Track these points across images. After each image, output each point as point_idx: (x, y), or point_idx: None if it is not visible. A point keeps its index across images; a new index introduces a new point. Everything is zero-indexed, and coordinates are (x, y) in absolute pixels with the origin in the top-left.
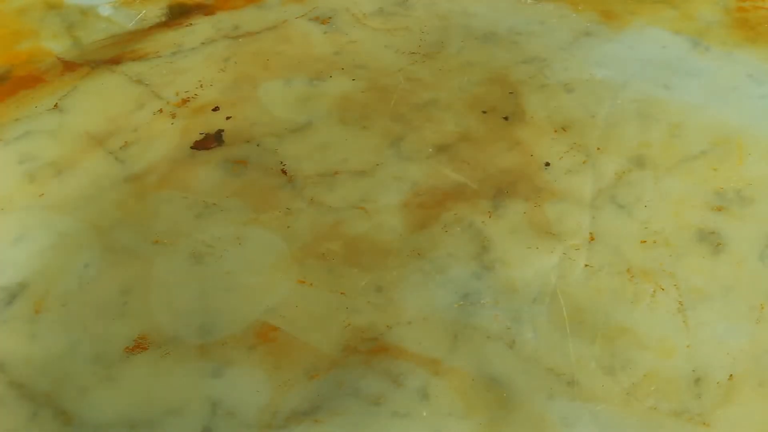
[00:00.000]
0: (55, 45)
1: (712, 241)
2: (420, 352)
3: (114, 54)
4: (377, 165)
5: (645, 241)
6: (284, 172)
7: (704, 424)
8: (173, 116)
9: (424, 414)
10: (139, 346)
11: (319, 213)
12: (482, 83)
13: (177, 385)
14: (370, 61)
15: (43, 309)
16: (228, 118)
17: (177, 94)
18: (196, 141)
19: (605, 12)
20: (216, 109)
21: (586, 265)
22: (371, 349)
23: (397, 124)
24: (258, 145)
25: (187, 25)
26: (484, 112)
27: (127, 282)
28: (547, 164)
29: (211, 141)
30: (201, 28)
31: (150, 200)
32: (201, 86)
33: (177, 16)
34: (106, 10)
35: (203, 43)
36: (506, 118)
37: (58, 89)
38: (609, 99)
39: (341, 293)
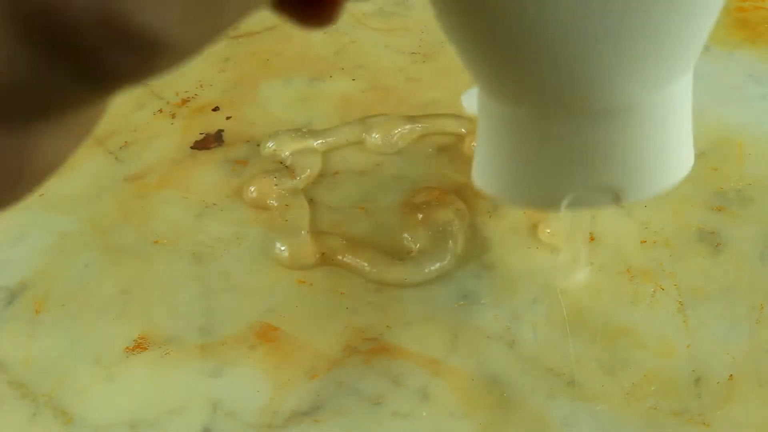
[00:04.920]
0: None
1: (712, 241)
2: (420, 352)
3: None
4: (377, 165)
5: (645, 241)
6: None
7: (704, 424)
8: (173, 116)
9: (424, 414)
10: (139, 346)
11: (319, 213)
12: None
13: (177, 385)
14: (370, 61)
15: (43, 309)
16: (228, 118)
17: (177, 94)
18: (196, 141)
19: None
20: (216, 109)
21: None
22: (371, 349)
23: None
24: (258, 145)
25: None
26: None
27: (127, 282)
28: None
29: (211, 141)
30: None
31: (150, 200)
32: (201, 86)
33: None
34: None
35: None
36: None
37: None
38: None
39: (341, 293)
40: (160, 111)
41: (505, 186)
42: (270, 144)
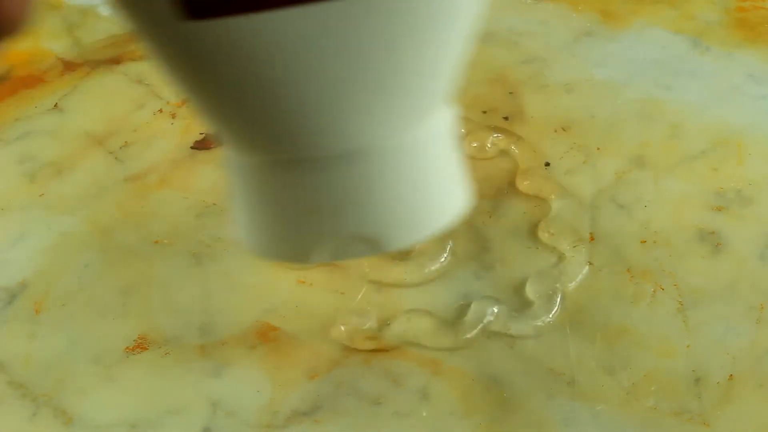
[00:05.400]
0: (55, 45)
1: (712, 241)
2: (420, 352)
3: (114, 54)
4: None
5: (645, 241)
6: None
7: (704, 424)
8: (173, 116)
9: (424, 414)
10: (139, 346)
11: None
12: (482, 83)
13: (177, 385)
14: None
15: (43, 309)
16: None
17: (177, 94)
18: (196, 141)
19: (605, 12)
20: None
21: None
22: (371, 349)
23: None
24: None
25: None
26: (484, 112)
27: (127, 282)
28: (547, 164)
29: (211, 141)
30: None
31: (150, 200)
32: None
33: None
34: (106, 10)
35: None
36: (506, 118)
37: (58, 89)
38: (609, 99)
39: (341, 293)
40: (160, 111)
41: (259, 241)
42: None
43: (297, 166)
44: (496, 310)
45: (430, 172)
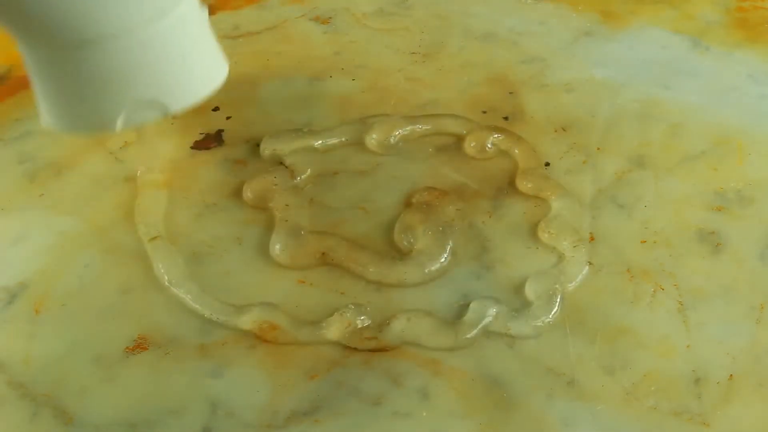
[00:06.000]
0: None
1: (712, 241)
2: (420, 352)
3: None
4: (377, 165)
5: (645, 241)
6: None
7: (704, 424)
8: (173, 116)
9: (424, 414)
10: (139, 346)
11: (319, 213)
12: (482, 83)
13: (177, 385)
14: (370, 61)
15: (43, 309)
16: (228, 118)
17: None
18: (196, 141)
19: (605, 12)
20: (216, 109)
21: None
22: (371, 349)
23: None
24: (258, 145)
25: None
26: (484, 112)
27: (127, 282)
28: (547, 164)
29: (211, 141)
30: None
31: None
32: None
33: None
34: None
35: None
36: (506, 118)
37: None
38: (609, 99)
39: (341, 293)
40: None
41: (63, 119)
42: (270, 144)
43: (78, 49)
44: (495, 310)
45: (192, 45)
